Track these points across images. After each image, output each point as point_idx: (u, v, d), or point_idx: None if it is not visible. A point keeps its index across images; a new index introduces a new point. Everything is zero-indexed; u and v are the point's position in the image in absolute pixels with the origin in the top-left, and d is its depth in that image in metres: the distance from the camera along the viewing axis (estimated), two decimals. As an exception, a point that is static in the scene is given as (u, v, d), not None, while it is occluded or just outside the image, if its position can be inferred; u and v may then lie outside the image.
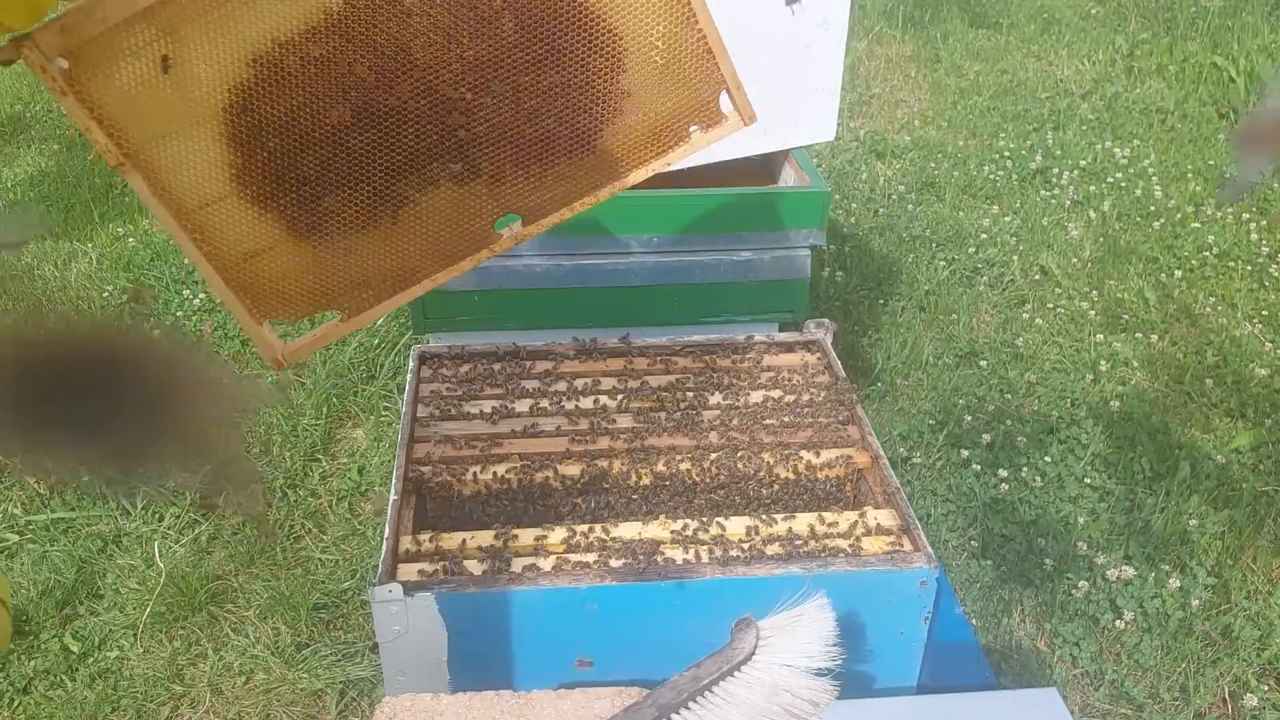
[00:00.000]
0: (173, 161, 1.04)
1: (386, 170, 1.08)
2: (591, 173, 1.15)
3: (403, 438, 1.55)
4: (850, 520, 1.39)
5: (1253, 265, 3.92)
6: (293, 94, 1.03)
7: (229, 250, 1.09)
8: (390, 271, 1.15)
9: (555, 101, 1.09)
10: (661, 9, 1.08)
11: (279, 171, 1.06)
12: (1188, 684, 2.25)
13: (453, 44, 1.04)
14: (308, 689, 2.19)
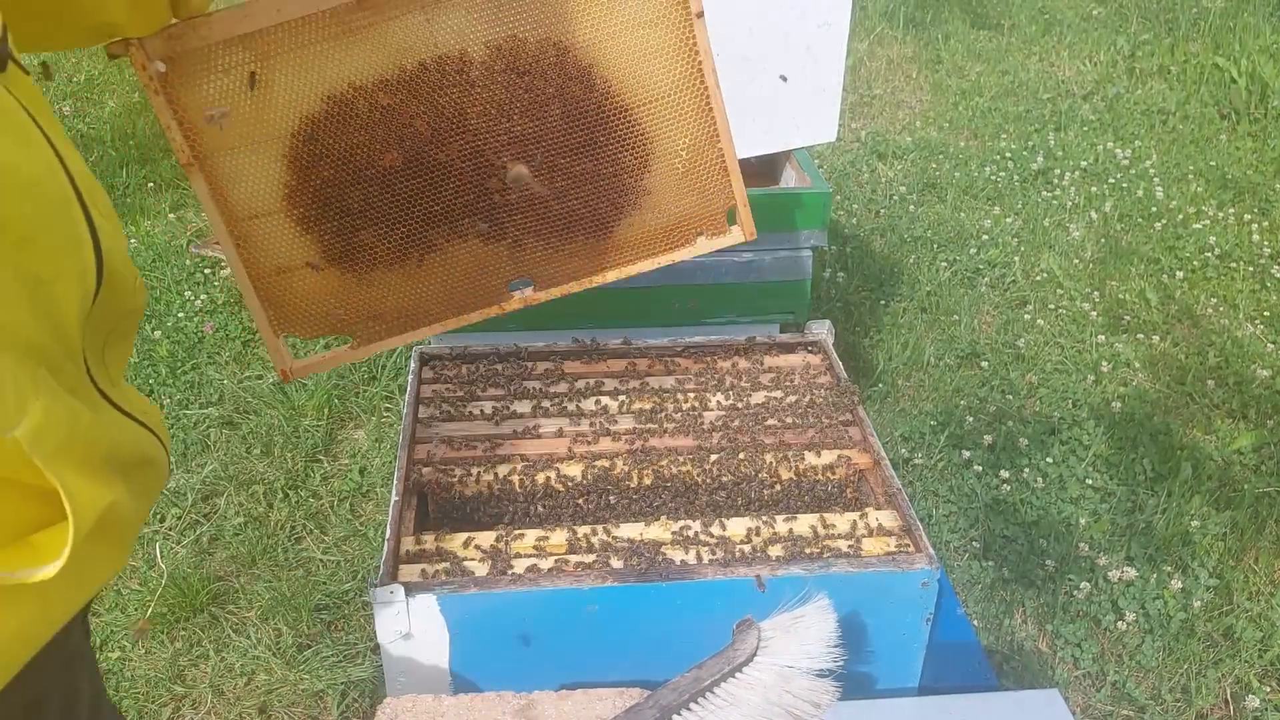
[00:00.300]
0: (235, 172, 1.13)
1: (423, 217, 1.18)
2: (604, 255, 1.27)
3: (404, 438, 1.55)
4: (852, 521, 1.39)
5: (1254, 266, 3.91)
6: (355, 133, 1.14)
7: (265, 262, 1.18)
8: (405, 310, 1.24)
9: (584, 186, 1.21)
10: (691, 124, 1.21)
11: (327, 199, 1.16)
12: (1189, 685, 2.24)
13: (504, 117, 1.15)
14: (309, 690, 2.19)
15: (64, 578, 0.72)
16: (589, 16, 1.14)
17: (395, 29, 1.10)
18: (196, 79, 1.08)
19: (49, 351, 0.73)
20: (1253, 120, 5.19)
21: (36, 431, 0.67)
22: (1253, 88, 5.32)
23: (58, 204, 0.72)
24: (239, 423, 2.99)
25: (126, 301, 0.85)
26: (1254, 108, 5.25)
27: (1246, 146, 4.96)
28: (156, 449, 0.88)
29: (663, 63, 1.18)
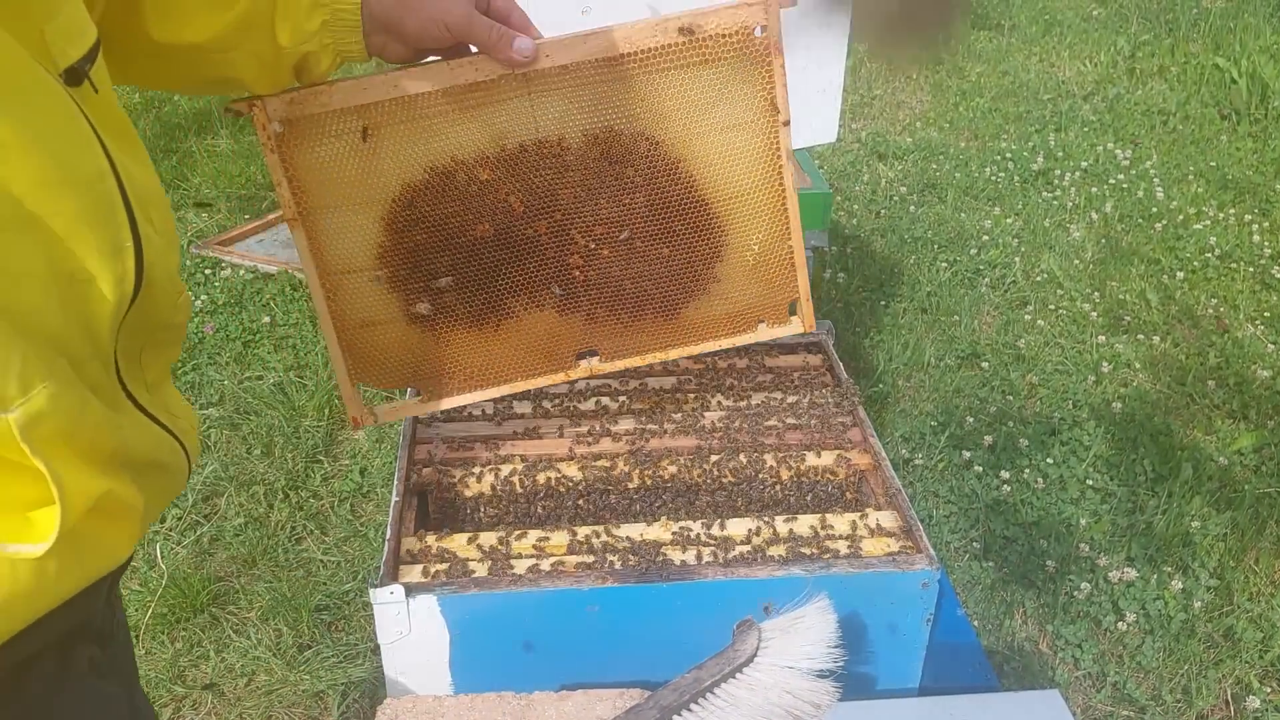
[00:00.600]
0: (334, 229, 1.21)
1: (505, 286, 1.26)
2: (669, 334, 1.34)
3: (404, 439, 1.55)
4: (852, 522, 1.39)
5: (1255, 267, 3.91)
6: (451, 203, 1.21)
7: (351, 315, 1.26)
8: (476, 369, 1.32)
9: (658, 269, 1.29)
10: (766, 221, 1.29)
11: (417, 262, 1.24)
12: (1190, 686, 2.24)
13: (592, 200, 1.24)
14: (309, 690, 2.19)
15: (60, 558, 0.74)
16: (683, 115, 1.22)
17: (501, 110, 1.18)
18: (310, 141, 1.16)
19: (73, 346, 0.75)
20: (1253, 121, 5.19)
21: (34, 416, 0.69)
22: (1253, 88, 5.32)
23: (102, 207, 0.75)
24: (239, 423, 2.99)
25: (165, 315, 0.88)
26: (1254, 108, 5.25)
27: (1247, 147, 4.96)
28: (175, 455, 0.89)
29: (746, 164, 1.26)
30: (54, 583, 0.75)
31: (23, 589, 0.73)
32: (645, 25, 1.17)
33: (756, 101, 1.23)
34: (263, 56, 1.08)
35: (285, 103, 1.14)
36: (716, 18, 1.18)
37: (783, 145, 1.24)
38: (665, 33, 1.17)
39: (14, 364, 0.68)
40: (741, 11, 1.18)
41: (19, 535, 0.73)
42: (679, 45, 1.18)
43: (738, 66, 1.21)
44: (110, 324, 0.77)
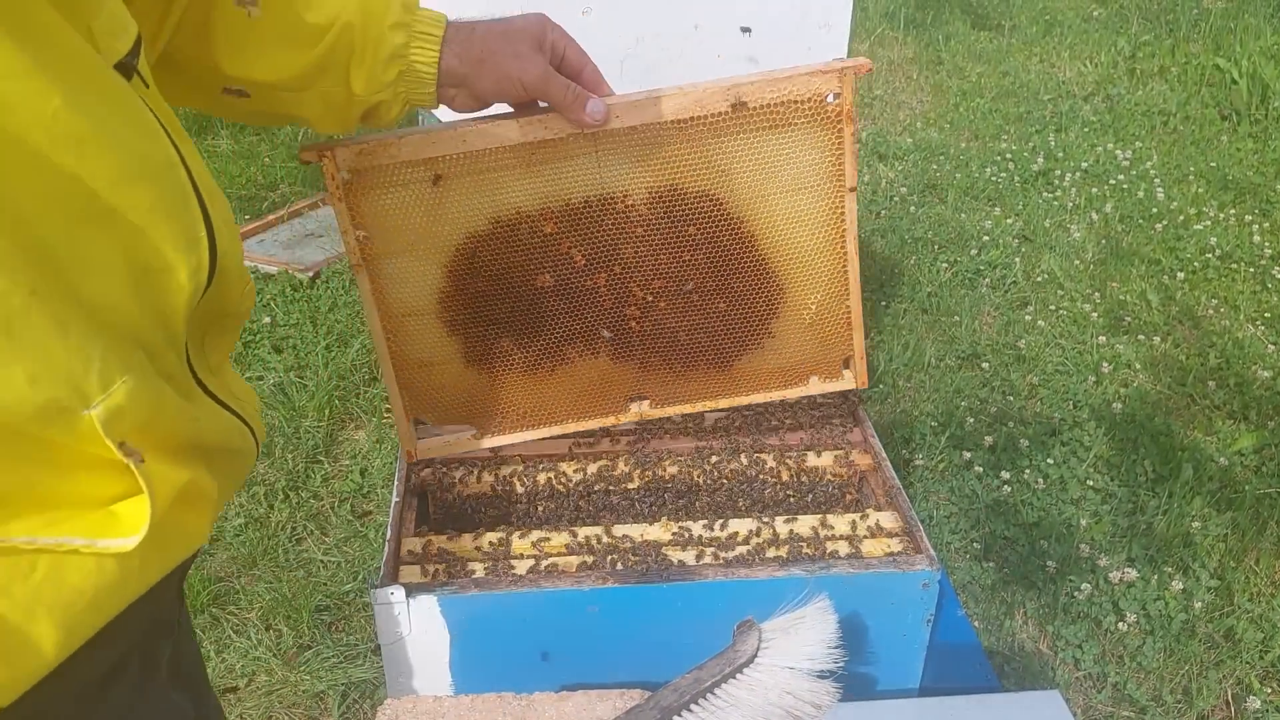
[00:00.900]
0: (398, 274, 1.23)
1: (562, 333, 1.28)
2: (720, 385, 1.36)
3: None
4: (852, 522, 1.39)
5: (1255, 267, 3.91)
6: (514, 253, 1.23)
7: (410, 355, 1.28)
8: (529, 410, 1.34)
9: (714, 322, 1.30)
10: (825, 282, 1.30)
11: (477, 308, 1.26)
12: (1190, 687, 2.24)
13: (653, 255, 1.25)
14: (310, 691, 2.19)
15: (145, 550, 0.74)
16: (749, 177, 1.22)
17: (567, 166, 1.18)
18: (377, 190, 1.17)
19: (149, 338, 0.75)
20: (1253, 121, 5.19)
21: (115, 411, 0.70)
22: (1253, 89, 5.32)
23: (176, 198, 0.75)
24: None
25: (234, 303, 0.88)
26: (1255, 109, 5.25)
27: (1247, 147, 4.96)
28: (245, 439, 0.90)
29: (810, 227, 1.26)
30: (139, 572, 0.76)
31: (109, 581, 0.73)
32: (718, 90, 1.17)
33: (824, 167, 1.23)
34: (332, 100, 1.08)
35: (354, 153, 1.15)
36: (791, 85, 1.17)
37: (848, 211, 1.25)
38: (737, 98, 1.17)
39: (95, 360, 0.69)
40: (816, 79, 1.17)
41: (106, 530, 0.73)
42: (750, 110, 1.18)
43: (808, 131, 1.21)
44: (185, 314, 0.78)
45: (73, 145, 0.67)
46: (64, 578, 0.71)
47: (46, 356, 0.67)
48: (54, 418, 0.68)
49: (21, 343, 0.65)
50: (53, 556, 0.71)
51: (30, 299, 0.66)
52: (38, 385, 0.66)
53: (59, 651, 0.71)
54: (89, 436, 0.69)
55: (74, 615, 0.72)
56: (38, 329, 0.66)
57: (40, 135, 0.66)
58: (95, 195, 0.69)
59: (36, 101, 0.66)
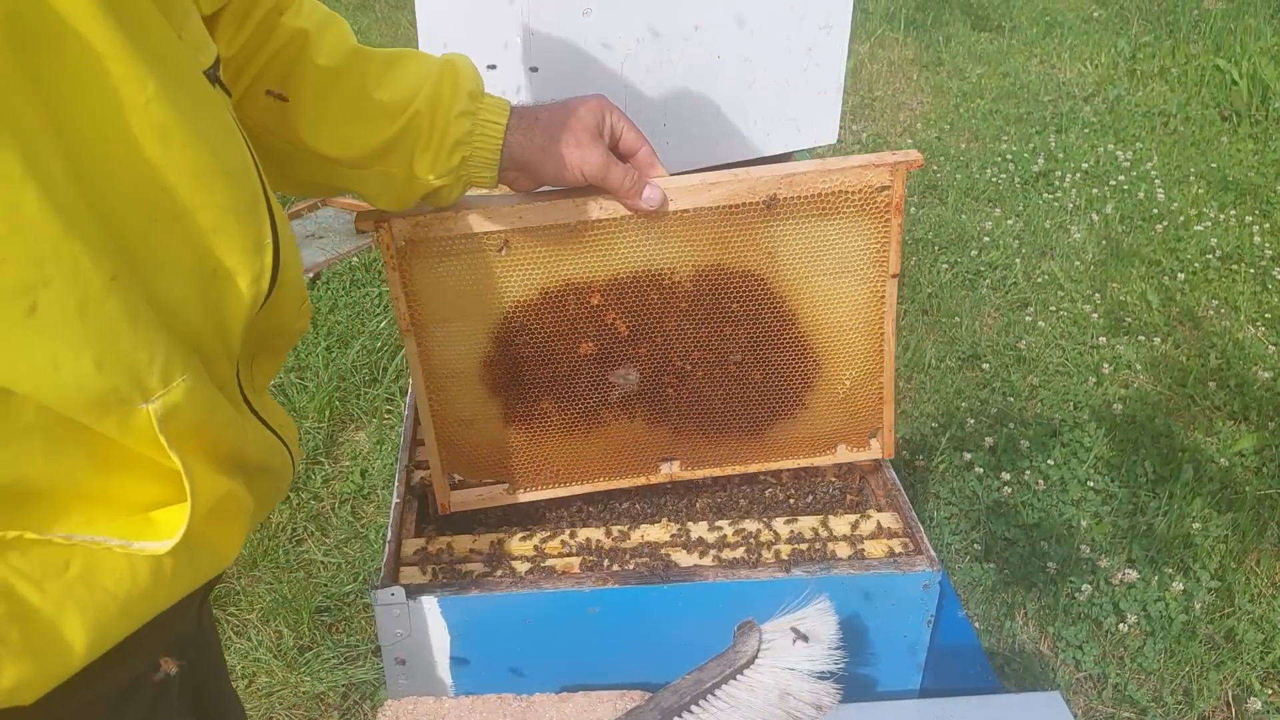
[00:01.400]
0: (444, 338, 1.26)
1: (601, 399, 1.31)
2: (750, 451, 1.39)
3: (405, 440, 1.55)
4: (853, 523, 1.39)
5: (1256, 268, 3.91)
6: (559, 322, 1.26)
7: (452, 413, 1.31)
8: (562, 469, 1.37)
9: (749, 393, 1.33)
10: (861, 360, 1.33)
11: (519, 371, 1.28)
12: (1191, 687, 2.24)
13: (695, 328, 1.28)
14: (310, 692, 2.19)
15: (177, 557, 0.75)
16: (795, 259, 1.25)
17: (618, 243, 1.21)
18: (431, 260, 1.19)
19: (207, 343, 0.76)
20: (1254, 122, 5.19)
21: (171, 408, 0.70)
22: (1254, 90, 5.32)
23: (248, 201, 0.76)
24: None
25: (290, 319, 0.89)
26: (1255, 109, 5.25)
27: (1248, 148, 4.96)
28: (283, 462, 0.90)
29: (850, 309, 1.30)
30: (169, 582, 0.76)
31: (141, 588, 0.74)
32: (771, 179, 1.20)
33: (869, 253, 1.26)
34: (394, 180, 1.10)
35: (411, 226, 1.17)
36: (843, 177, 1.21)
37: (888, 295, 1.29)
38: (792, 187, 1.20)
39: (159, 355, 0.69)
40: (869, 172, 1.21)
41: (144, 533, 0.74)
42: (802, 199, 1.21)
43: (856, 220, 1.24)
44: (243, 323, 0.78)
45: (159, 135, 0.68)
46: (97, 578, 0.72)
47: (114, 344, 0.67)
48: (113, 408, 0.68)
49: (94, 327, 0.66)
50: (87, 555, 0.71)
51: (110, 285, 0.66)
52: (103, 371, 0.67)
53: (88, 653, 0.71)
54: (141, 432, 0.70)
55: (105, 617, 0.72)
56: (111, 316, 0.66)
57: (132, 121, 0.67)
58: (174, 191, 0.70)
59: (131, 86, 0.67)
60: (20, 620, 0.68)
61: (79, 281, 0.65)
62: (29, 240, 0.62)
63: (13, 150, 0.61)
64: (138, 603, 0.74)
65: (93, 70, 0.64)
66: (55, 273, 0.64)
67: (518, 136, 1.10)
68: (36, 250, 0.63)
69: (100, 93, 0.65)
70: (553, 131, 1.11)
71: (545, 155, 1.11)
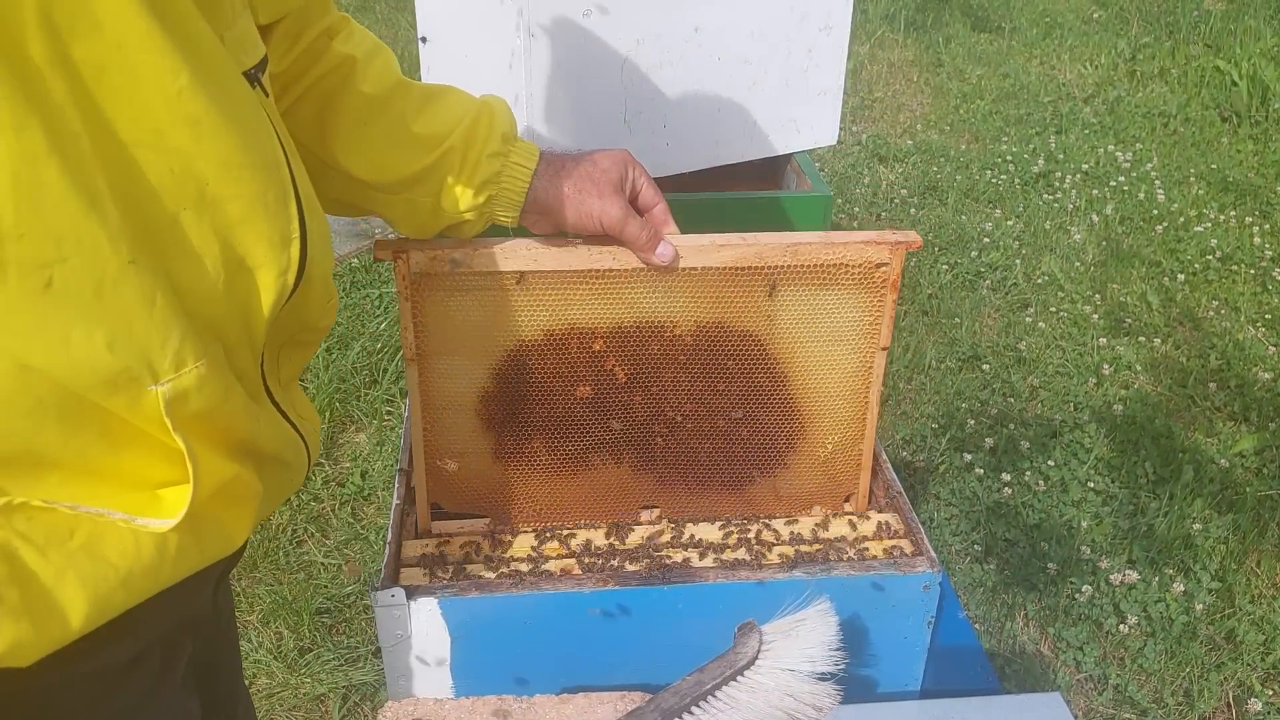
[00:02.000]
0: (446, 370, 1.29)
1: (591, 442, 1.34)
2: (729, 504, 1.43)
3: (405, 442, 1.55)
4: (853, 524, 1.39)
5: (1256, 269, 3.91)
6: (559, 363, 1.29)
7: (443, 445, 1.34)
8: (543, 506, 1.40)
9: (734, 448, 1.38)
10: (844, 427, 1.39)
11: (514, 409, 1.32)
12: (1192, 689, 2.24)
13: (690, 381, 1.32)
14: (310, 693, 2.19)
15: (182, 538, 0.76)
16: (792, 324, 1.30)
17: (626, 294, 1.26)
18: (442, 293, 1.23)
19: (229, 332, 0.77)
20: (1254, 123, 5.20)
21: (180, 393, 0.72)
22: (1254, 91, 5.32)
23: (277, 195, 0.77)
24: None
25: (316, 315, 0.90)
26: (1255, 110, 5.25)
27: (1248, 149, 4.96)
28: (299, 454, 0.91)
29: (839, 376, 1.35)
30: (174, 559, 0.77)
31: (146, 563, 0.75)
32: (778, 246, 1.26)
33: (862, 325, 1.32)
34: (419, 209, 1.14)
35: (428, 259, 1.20)
36: (846, 250, 1.27)
37: (876, 366, 1.35)
38: (796, 255, 1.26)
39: (173, 340, 0.70)
40: (869, 249, 1.27)
41: (149, 510, 0.75)
42: (805, 267, 1.27)
43: (854, 292, 1.30)
44: (268, 315, 0.79)
45: (190, 126, 0.70)
46: (99, 549, 0.73)
47: (128, 325, 0.68)
48: (122, 387, 0.69)
49: (108, 307, 0.67)
50: (92, 525, 0.73)
51: (127, 268, 0.68)
52: (115, 350, 0.68)
53: (85, 623, 0.72)
54: (150, 413, 0.71)
55: (104, 588, 0.73)
56: (126, 297, 0.68)
57: (163, 110, 0.69)
58: (203, 181, 0.72)
59: (165, 77, 0.68)
60: (20, 583, 0.69)
61: (96, 261, 0.66)
62: (49, 217, 0.64)
63: (37, 129, 0.62)
64: (140, 577, 0.75)
65: (126, 59, 0.66)
66: (73, 251, 0.65)
67: (543, 182, 1.14)
68: (55, 227, 0.64)
69: (132, 81, 0.67)
70: (577, 181, 1.15)
71: (567, 202, 1.15)
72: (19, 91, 0.61)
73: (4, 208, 0.62)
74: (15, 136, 0.62)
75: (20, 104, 0.61)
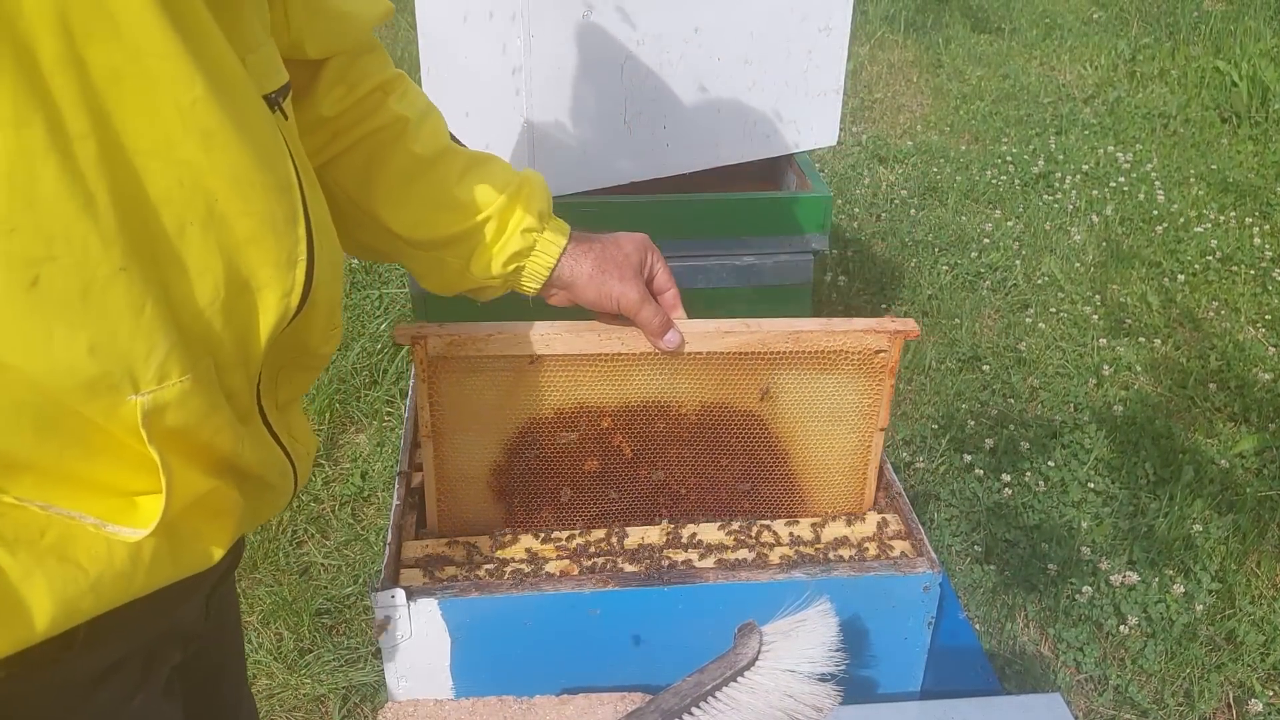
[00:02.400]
0: (460, 446, 1.33)
1: (597, 512, 1.39)
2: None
3: (405, 443, 1.55)
4: (853, 525, 1.39)
5: (1256, 270, 3.91)
6: (568, 438, 1.33)
7: (456, 515, 1.38)
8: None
9: (735, 519, 1.40)
10: (842, 499, 1.43)
11: (524, 480, 1.35)
12: (1192, 689, 2.24)
13: (694, 457, 1.37)
14: (310, 694, 2.19)
15: (157, 547, 0.75)
16: (793, 405, 1.34)
17: (633, 375, 1.30)
18: (458, 375, 1.27)
19: (224, 351, 0.76)
20: (1254, 124, 5.20)
21: (160, 406, 0.71)
22: (1254, 91, 5.33)
23: (287, 216, 0.77)
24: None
25: (317, 342, 0.90)
26: (1255, 111, 5.25)
27: (1247, 150, 4.96)
28: (284, 478, 0.90)
29: (838, 454, 1.39)
30: (147, 569, 0.76)
31: (117, 569, 0.74)
32: (781, 333, 1.30)
33: (861, 407, 1.36)
34: (447, 268, 1.17)
35: (445, 344, 1.24)
36: (846, 338, 1.31)
37: (874, 446, 1.39)
38: (798, 342, 1.30)
39: (158, 352, 0.70)
40: (869, 337, 1.31)
41: (122, 517, 0.74)
42: (806, 354, 1.32)
43: (853, 377, 1.34)
44: (267, 337, 0.79)
45: (202, 138, 0.69)
46: (70, 552, 0.72)
47: (112, 332, 0.68)
48: (101, 393, 0.68)
49: (93, 312, 0.67)
50: (64, 527, 0.72)
51: (117, 275, 0.67)
52: (96, 356, 0.67)
53: (50, 625, 0.71)
54: (127, 422, 0.70)
55: (72, 591, 0.72)
56: (114, 304, 0.67)
57: (174, 120, 0.68)
58: (213, 196, 0.71)
59: (179, 86, 0.67)
60: None
61: (86, 264, 0.65)
62: (41, 214, 0.63)
63: (39, 127, 0.62)
64: (110, 584, 0.74)
65: (142, 65, 0.66)
66: (63, 251, 0.65)
67: (569, 261, 1.19)
68: (47, 225, 0.64)
69: (146, 88, 0.66)
70: (601, 262, 1.20)
71: (590, 282, 1.20)
72: (24, 88, 0.61)
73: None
74: (15, 132, 0.61)
75: (24, 100, 0.61)
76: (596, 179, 2.24)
